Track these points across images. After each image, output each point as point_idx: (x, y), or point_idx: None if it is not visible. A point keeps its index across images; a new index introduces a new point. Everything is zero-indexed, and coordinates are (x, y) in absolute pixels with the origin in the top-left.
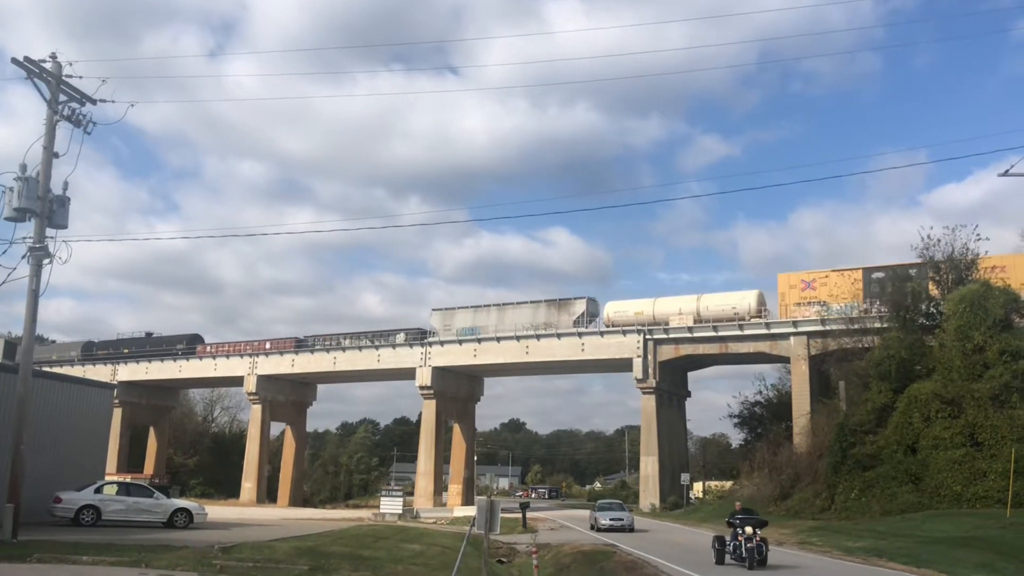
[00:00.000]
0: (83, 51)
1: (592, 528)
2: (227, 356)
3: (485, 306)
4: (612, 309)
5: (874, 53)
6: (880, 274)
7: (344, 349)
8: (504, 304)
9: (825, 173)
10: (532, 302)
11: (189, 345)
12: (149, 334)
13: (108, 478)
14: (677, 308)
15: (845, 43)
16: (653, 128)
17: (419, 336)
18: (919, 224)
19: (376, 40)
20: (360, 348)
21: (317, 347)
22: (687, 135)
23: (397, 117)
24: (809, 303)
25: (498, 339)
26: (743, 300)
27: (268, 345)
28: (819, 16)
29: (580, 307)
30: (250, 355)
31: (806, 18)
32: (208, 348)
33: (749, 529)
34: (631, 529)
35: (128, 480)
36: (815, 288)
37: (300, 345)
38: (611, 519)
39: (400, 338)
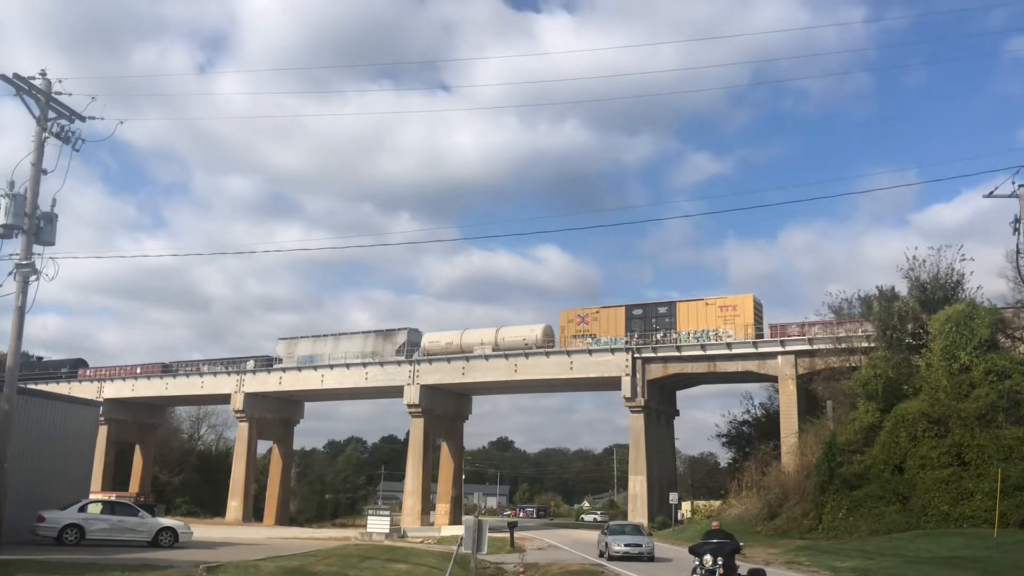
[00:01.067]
0: (72, 65)
1: (601, 555)
2: (111, 379)
3: (323, 336)
4: (428, 340)
5: (865, 73)
6: (639, 311)
7: (332, 366)
8: (340, 334)
9: (815, 192)
10: (363, 332)
11: (72, 369)
12: (39, 358)
13: (93, 496)
14: (480, 339)
15: (837, 63)
16: (644, 145)
17: (267, 363)
18: (907, 244)
19: (366, 56)
20: (348, 366)
21: (180, 372)
22: (678, 152)
23: (387, 133)
24: (583, 336)
25: (487, 357)
26: (532, 332)
27: (139, 370)
28: (811, 36)
29: (402, 337)
30: (131, 379)
31: (798, 38)
32: (88, 372)
33: (708, 558)
34: (651, 558)
35: (113, 498)
36: (588, 323)
37: (165, 370)
38: (626, 545)
39: (250, 364)
